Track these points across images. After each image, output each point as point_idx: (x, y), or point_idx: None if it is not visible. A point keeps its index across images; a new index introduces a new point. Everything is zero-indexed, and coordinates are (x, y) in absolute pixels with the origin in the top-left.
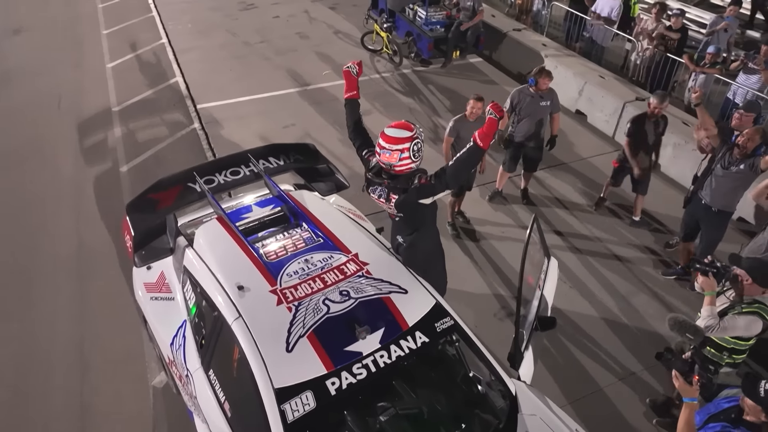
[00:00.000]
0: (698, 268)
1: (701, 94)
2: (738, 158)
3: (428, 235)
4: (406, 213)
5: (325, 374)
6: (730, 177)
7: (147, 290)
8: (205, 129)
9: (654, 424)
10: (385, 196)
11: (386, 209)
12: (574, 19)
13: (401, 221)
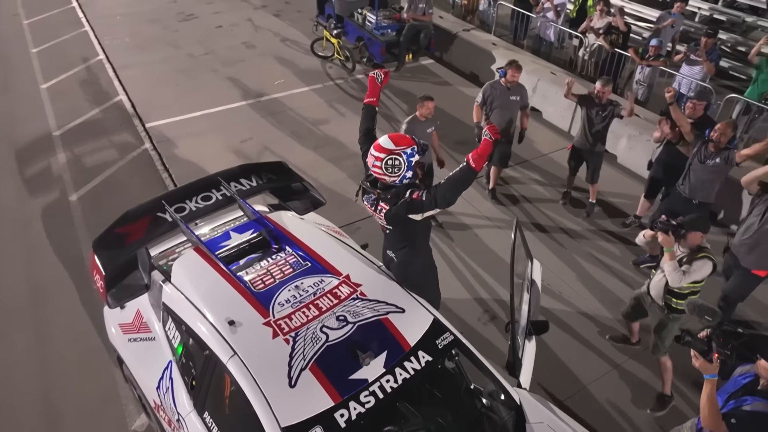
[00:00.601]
0: (660, 227)
1: (674, 93)
2: (713, 152)
3: (420, 252)
4: (395, 226)
5: (333, 406)
6: (708, 170)
7: (123, 331)
8: (157, 149)
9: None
10: (375, 205)
11: (377, 220)
12: (520, 18)
13: (392, 235)
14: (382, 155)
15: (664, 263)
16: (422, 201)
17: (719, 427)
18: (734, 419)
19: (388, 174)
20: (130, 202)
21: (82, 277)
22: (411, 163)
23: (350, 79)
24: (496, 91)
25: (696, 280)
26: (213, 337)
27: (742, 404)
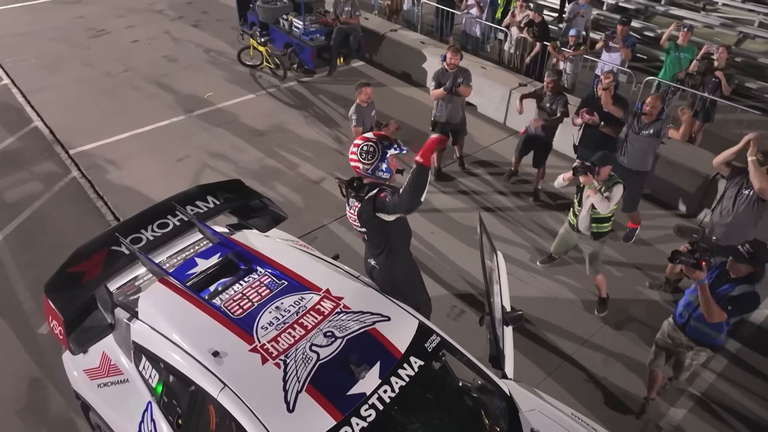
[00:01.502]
0: (580, 171)
1: (612, 79)
2: (646, 123)
3: (399, 256)
4: (368, 227)
5: (335, 425)
6: (642, 141)
7: (90, 377)
8: (87, 176)
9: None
10: (351, 202)
11: (355, 226)
12: (445, 15)
13: (369, 240)
14: (360, 142)
15: (590, 198)
16: (386, 201)
17: (722, 315)
18: (730, 306)
19: (362, 161)
20: (65, 237)
21: (24, 323)
22: (386, 154)
23: (283, 87)
24: (443, 76)
25: (616, 203)
26: (198, 371)
27: (726, 292)
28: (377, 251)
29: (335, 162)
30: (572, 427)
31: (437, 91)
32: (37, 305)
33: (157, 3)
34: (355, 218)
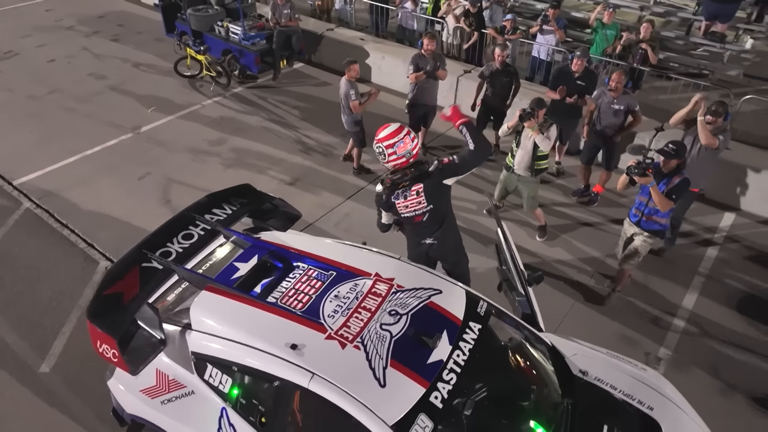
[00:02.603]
0: (525, 116)
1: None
2: (614, 98)
3: (453, 226)
4: (435, 201)
5: (426, 392)
6: (613, 112)
7: (150, 396)
8: (41, 206)
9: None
10: (408, 191)
11: (411, 213)
12: (380, 11)
13: (428, 218)
14: (405, 129)
15: (533, 138)
16: (456, 162)
17: (670, 204)
18: (674, 194)
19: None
20: (37, 271)
21: (20, 364)
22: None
23: (228, 94)
24: (422, 60)
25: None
26: (280, 366)
27: (665, 187)
28: (436, 226)
29: (302, 163)
30: (612, 363)
31: (417, 74)
32: (30, 345)
33: (65, 19)
34: (420, 201)
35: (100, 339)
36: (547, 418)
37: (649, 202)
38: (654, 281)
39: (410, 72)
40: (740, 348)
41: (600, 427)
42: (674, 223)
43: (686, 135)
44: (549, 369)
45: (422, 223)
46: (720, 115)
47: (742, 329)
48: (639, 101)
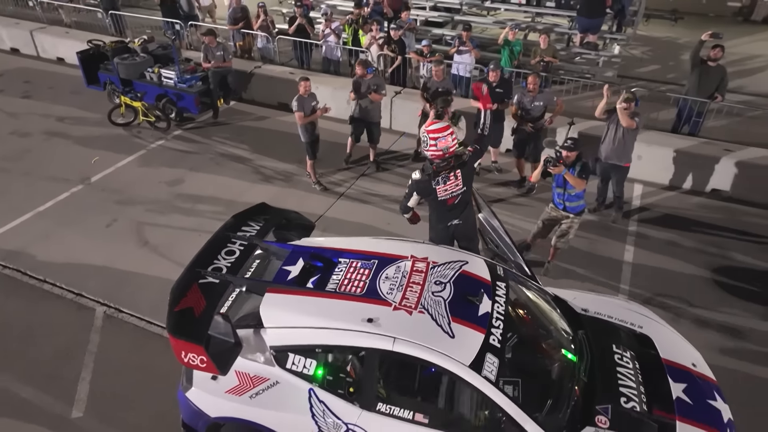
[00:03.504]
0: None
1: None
2: (533, 97)
3: (472, 209)
4: (468, 183)
5: (485, 337)
6: (535, 109)
7: (237, 394)
8: (10, 266)
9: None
10: (448, 177)
11: (449, 195)
12: (303, 46)
13: (460, 200)
14: (451, 128)
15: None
16: (478, 149)
17: (583, 183)
18: (583, 175)
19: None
20: (28, 326)
21: (49, 416)
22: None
23: (169, 137)
24: (358, 83)
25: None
26: (363, 338)
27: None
28: (463, 207)
29: (266, 191)
30: (603, 300)
31: (352, 94)
32: (53, 396)
33: None
34: (458, 183)
35: (185, 349)
36: (572, 348)
37: (565, 191)
38: (601, 240)
39: (350, 91)
40: (676, 281)
41: (609, 347)
42: (618, 195)
43: (609, 122)
44: (558, 312)
45: (454, 205)
46: (632, 101)
47: (672, 267)
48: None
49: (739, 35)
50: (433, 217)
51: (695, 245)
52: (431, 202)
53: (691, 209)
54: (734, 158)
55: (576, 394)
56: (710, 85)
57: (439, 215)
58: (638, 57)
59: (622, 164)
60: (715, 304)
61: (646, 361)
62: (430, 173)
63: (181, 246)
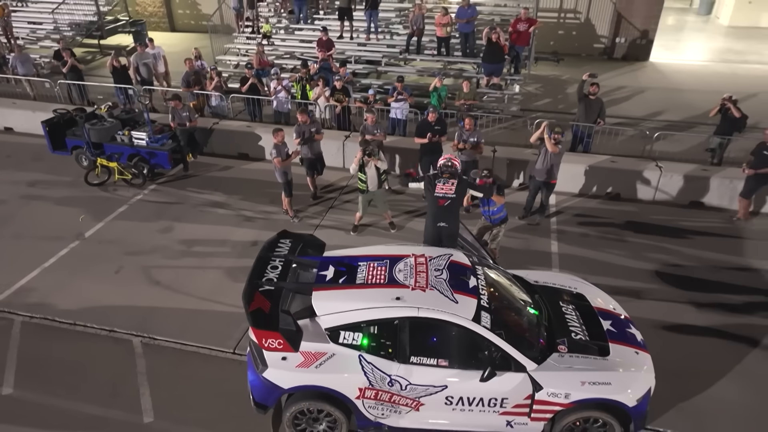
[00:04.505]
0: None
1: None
2: (470, 134)
3: (457, 218)
4: (458, 194)
5: (477, 301)
6: (470, 144)
7: (306, 367)
8: (35, 315)
9: None
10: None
11: (441, 194)
12: (255, 102)
13: (448, 205)
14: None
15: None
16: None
17: (503, 198)
18: (501, 193)
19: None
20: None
21: (124, 425)
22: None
23: (146, 191)
24: (301, 129)
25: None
26: (395, 311)
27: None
28: (449, 213)
29: (251, 230)
30: (548, 273)
31: (298, 139)
32: (120, 410)
33: None
34: (451, 188)
35: (265, 337)
36: (533, 305)
37: (489, 207)
38: (533, 238)
39: (295, 138)
40: (590, 261)
41: (557, 303)
42: (545, 204)
43: (540, 148)
44: (518, 284)
45: (443, 207)
46: (558, 133)
47: (585, 252)
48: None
49: (606, 71)
50: (428, 220)
51: (600, 234)
52: (429, 198)
53: (594, 208)
54: (618, 167)
55: (542, 334)
56: (593, 113)
57: (432, 215)
58: (534, 93)
59: (550, 181)
60: (619, 274)
61: (583, 310)
62: (437, 174)
63: (190, 282)
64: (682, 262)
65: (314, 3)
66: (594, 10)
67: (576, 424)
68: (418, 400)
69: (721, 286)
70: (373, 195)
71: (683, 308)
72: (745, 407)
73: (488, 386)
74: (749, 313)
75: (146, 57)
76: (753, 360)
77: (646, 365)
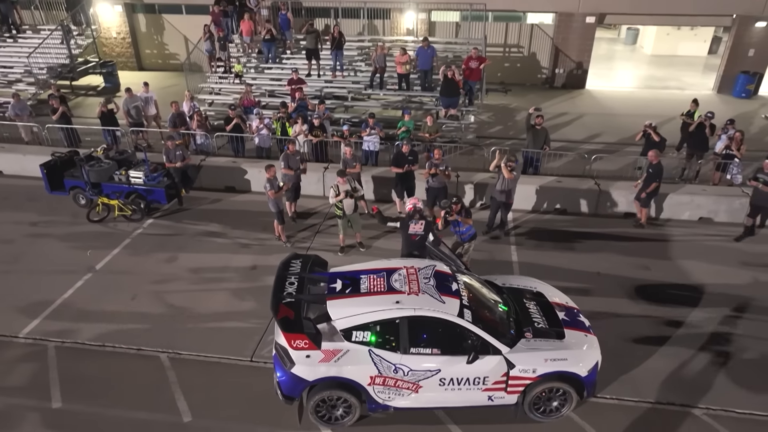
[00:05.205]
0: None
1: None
2: (438, 164)
3: (425, 248)
4: (425, 232)
5: (460, 301)
6: (440, 170)
7: (326, 361)
8: (65, 342)
9: None
10: (418, 222)
11: (414, 231)
12: (238, 140)
13: (419, 240)
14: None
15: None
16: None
17: (469, 221)
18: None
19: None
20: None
21: (165, 425)
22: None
23: (145, 226)
24: (288, 159)
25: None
26: (396, 312)
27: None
28: (422, 244)
29: (248, 255)
30: (512, 277)
31: (285, 170)
32: (160, 413)
33: None
34: (420, 228)
35: (294, 339)
36: (503, 303)
37: (458, 228)
38: (496, 249)
39: (281, 166)
40: (544, 267)
41: (522, 300)
42: (504, 221)
43: (499, 173)
44: (489, 286)
45: (415, 241)
46: (512, 161)
47: (541, 259)
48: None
49: (548, 99)
50: (403, 249)
51: (552, 244)
52: (404, 234)
53: (546, 222)
54: (564, 186)
55: (511, 325)
56: (540, 141)
57: (407, 246)
58: (487, 121)
59: (508, 201)
60: (570, 276)
61: (542, 304)
62: (411, 215)
63: (201, 303)
64: (621, 263)
65: (281, 43)
66: (535, 45)
67: (542, 394)
68: (418, 383)
69: (651, 281)
70: (350, 218)
71: (621, 301)
72: (671, 373)
73: (473, 368)
74: (675, 303)
75: (135, 100)
76: (676, 338)
77: (593, 345)
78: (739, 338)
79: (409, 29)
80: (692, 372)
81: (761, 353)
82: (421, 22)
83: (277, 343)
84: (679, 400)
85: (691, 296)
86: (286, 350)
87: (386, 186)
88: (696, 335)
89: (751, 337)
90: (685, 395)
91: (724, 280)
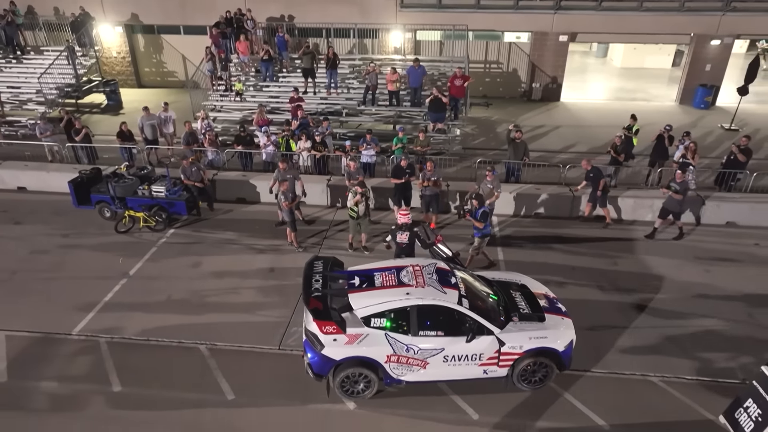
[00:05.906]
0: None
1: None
2: (431, 174)
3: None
4: (411, 240)
5: (458, 292)
6: (432, 180)
7: (351, 344)
8: (113, 337)
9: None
10: (404, 232)
11: (402, 240)
12: (246, 155)
13: (406, 247)
14: (405, 212)
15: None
16: (420, 237)
17: (481, 223)
18: (480, 219)
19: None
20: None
21: (220, 413)
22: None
23: (168, 235)
24: (279, 175)
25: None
26: (408, 301)
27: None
28: (408, 250)
29: (264, 258)
30: (500, 273)
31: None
32: (210, 393)
33: None
34: (407, 236)
35: (325, 325)
36: (493, 293)
37: (473, 228)
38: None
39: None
40: (527, 263)
41: (509, 291)
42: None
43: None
44: (481, 280)
45: (404, 247)
46: (489, 170)
47: (524, 257)
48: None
49: (527, 111)
50: (396, 252)
51: (533, 244)
52: (394, 241)
53: (527, 225)
54: (542, 192)
55: (501, 311)
56: (520, 153)
57: (399, 251)
58: (471, 133)
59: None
60: (549, 270)
61: (526, 294)
62: (399, 227)
63: (230, 301)
64: (592, 259)
65: (278, 63)
66: (513, 61)
67: (528, 367)
68: (425, 360)
69: (618, 274)
70: (361, 220)
71: (592, 290)
72: (632, 348)
73: (471, 346)
74: (638, 291)
75: (152, 118)
76: (638, 320)
77: (569, 326)
78: (689, 317)
79: (396, 48)
80: (650, 346)
81: (706, 329)
82: (407, 41)
83: (307, 329)
84: (640, 370)
85: (652, 285)
86: (316, 335)
87: (383, 195)
88: (653, 317)
89: (699, 315)
90: (644, 366)
91: (678, 271)
